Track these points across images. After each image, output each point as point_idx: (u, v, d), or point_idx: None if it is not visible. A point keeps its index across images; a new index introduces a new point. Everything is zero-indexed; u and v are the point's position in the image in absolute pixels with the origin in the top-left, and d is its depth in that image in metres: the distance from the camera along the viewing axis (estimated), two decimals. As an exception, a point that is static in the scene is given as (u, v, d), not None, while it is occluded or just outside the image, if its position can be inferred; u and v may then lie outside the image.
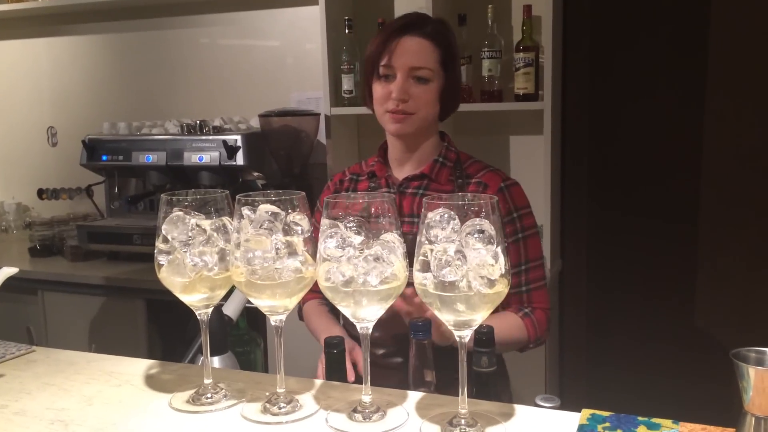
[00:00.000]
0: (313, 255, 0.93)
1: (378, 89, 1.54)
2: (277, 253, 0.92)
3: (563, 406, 0.98)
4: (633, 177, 2.86)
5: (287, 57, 2.99)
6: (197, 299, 1.00)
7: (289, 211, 0.93)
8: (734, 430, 0.82)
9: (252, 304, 1.01)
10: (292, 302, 0.95)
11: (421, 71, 1.49)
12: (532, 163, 2.56)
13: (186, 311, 1.06)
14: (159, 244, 0.99)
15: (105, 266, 2.82)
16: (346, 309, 0.91)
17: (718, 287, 2.74)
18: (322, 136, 2.78)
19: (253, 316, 1.58)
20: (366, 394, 0.95)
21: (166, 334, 2.68)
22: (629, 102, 2.84)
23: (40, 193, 3.31)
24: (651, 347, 2.76)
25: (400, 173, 1.60)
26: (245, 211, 0.93)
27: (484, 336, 1.12)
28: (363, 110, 2.66)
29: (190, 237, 0.98)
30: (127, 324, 2.66)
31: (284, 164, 2.80)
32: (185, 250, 0.97)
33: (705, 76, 2.72)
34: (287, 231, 0.93)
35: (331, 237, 0.89)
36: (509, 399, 1.36)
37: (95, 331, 2.72)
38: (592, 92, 2.85)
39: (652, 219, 2.82)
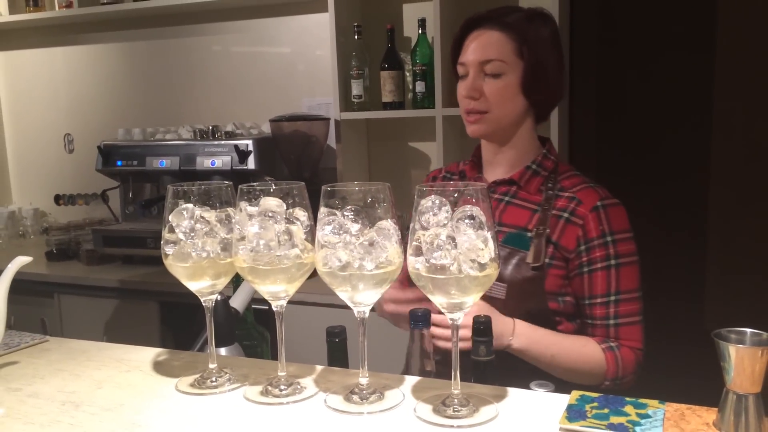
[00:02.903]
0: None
1: (458, 90, 1.48)
2: (278, 241, 0.96)
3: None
4: (640, 179, 2.88)
5: (298, 63, 3.04)
6: (203, 286, 1.04)
7: (290, 200, 0.98)
8: (717, 409, 0.84)
9: (259, 296, 1.04)
10: (293, 287, 0.99)
11: (490, 65, 1.40)
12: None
13: (199, 312, 1.09)
14: (165, 234, 1.03)
15: (119, 269, 2.87)
16: (343, 293, 0.94)
17: (726, 289, 2.74)
18: (332, 141, 2.83)
19: (262, 313, 1.61)
20: (363, 377, 0.98)
21: (180, 336, 2.72)
22: (637, 105, 2.86)
23: (57, 199, 3.38)
24: (659, 347, 2.77)
25: (491, 175, 1.53)
26: (248, 202, 0.97)
27: (482, 325, 1.15)
28: (372, 115, 2.71)
29: (195, 227, 1.02)
30: (141, 326, 2.71)
31: (295, 168, 2.85)
32: (190, 239, 1.01)
33: (713, 79, 2.73)
34: (289, 220, 0.97)
35: (329, 224, 0.93)
36: None
37: (110, 333, 2.77)
38: (600, 95, 2.88)
39: (660, 221, 2.83)
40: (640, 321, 1.41)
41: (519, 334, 1.34)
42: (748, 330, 0.82)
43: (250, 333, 1.54)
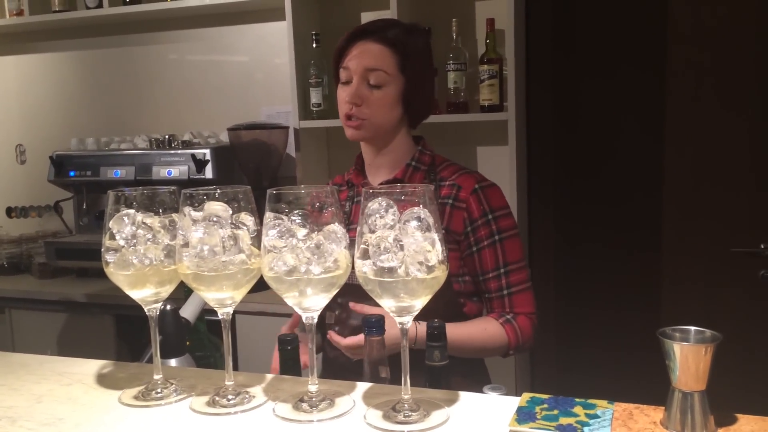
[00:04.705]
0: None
1: (339, 94, 1.55)
2: (224, 246, 0.94)
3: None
4: (598, 187, 2.91)
5: (256, 72, 3.02)
6: (146, 294, 1.01)
7: (236, 205, 0.95)
8: (664, 407, 0.84)
9: (210, 306, 1.02)
10: (240, 294, 0.97)
11: (374, 74, 1.48)
12: (497, 172, 2.59)
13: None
14: (106, 242, 1.00)
15: (73, 283, 2.81)
16: (291, 299, 0.93)
17: (681, 296, 2.78)
18: (291, 150, 2.81)
19: (216, 323, 1.58)
20: (312, 384, 0.96)
21: (135, 350, 2.66)
22: (593, 113, 2.89)
23: (9, 211, 3.28)
24: (619, 354, 2.79)
25: (375, 179, 1.60)
26: (191, 208, 0.94)
27: (435, 330, 1.14)
28: (332, 123, 2.70)
29: (136, 233, 0.99)
30: (96, 340, 2.65)
31: (253, 177, 2.82)
32: (132, 247, 0.98)
33: (666, 88, 2.77)
34: (234, 225, 0.95)
35: (274, 228, 0.91)
36: None
37: (64, 348, 2.70)
38: (556, 103, 2.90)
39: (618, 227, 2.86)
40: (529, 287, 1.53)
41: (421, 339, 1.31)
42: (693, 328, 0.83)
43: (202, 343, 1.51)
